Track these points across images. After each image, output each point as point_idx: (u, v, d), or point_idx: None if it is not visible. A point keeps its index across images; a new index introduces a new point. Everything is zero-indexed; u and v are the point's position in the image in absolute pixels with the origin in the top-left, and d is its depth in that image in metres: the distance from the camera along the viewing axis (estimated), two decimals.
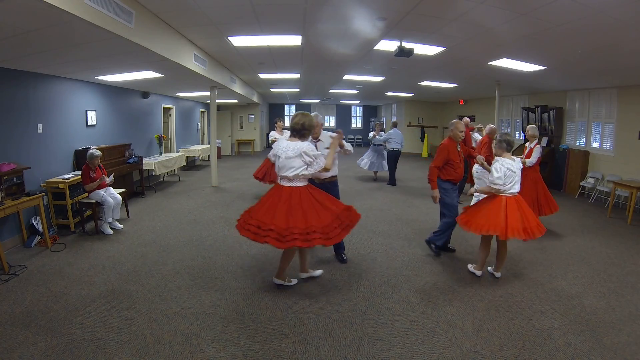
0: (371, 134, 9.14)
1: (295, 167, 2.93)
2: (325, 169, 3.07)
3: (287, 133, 6.53)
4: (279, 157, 2.98)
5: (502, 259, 3.54)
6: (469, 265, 3.79)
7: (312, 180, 3.44)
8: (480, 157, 4.09)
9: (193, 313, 2.92)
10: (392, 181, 8.69)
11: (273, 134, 6.67)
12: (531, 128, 5.16)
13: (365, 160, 9.14)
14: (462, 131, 3.92)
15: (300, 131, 2.98)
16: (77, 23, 2.85)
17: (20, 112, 4.53)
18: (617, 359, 2.42)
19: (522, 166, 3.45)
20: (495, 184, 3.28)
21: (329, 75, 9.19)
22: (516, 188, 3.33)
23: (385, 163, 8.96)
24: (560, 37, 4.24)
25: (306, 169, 2.96)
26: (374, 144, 9.04)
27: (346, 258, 3.99)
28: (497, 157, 3.44)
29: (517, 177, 3.33)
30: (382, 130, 9.32)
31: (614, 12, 3.33)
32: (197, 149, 10.96)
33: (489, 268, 3.72)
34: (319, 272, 3.57)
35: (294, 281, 3.41)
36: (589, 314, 2.99)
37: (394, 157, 8.59)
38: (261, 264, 3.91)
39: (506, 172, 3.28)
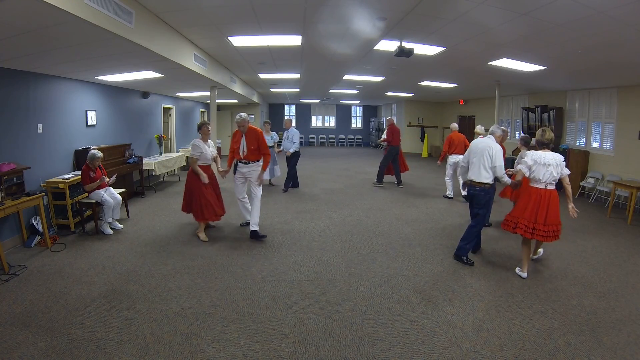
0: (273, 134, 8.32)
1: (556, 173, 3.57)
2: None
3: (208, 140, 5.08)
4: (541, 164, 3.54)
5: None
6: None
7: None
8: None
9: (193, 313, 2.92)
10: (296, 183, 8.12)
11: (197, 144, 4.72)
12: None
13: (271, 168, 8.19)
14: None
15: (549, 144, 3.62)
16: (76, 23, 2.85)
17: (20, 112, 4.52)
18: (617, 359, 2.43)
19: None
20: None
21: (329, 75, 9.19)
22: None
23: (277, 168, 8.43)
24: (560, 37, 4.25)
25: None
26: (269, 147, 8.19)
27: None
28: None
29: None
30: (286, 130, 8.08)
31: (614, 12, 3.33)
32: None
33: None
34: (541, 251, 4.23)
35: (525, 274, 3.68)
36: (589, 314, 2.99)
37: (297, 158, 7.91)
38: (261, 264, 3.91)
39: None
